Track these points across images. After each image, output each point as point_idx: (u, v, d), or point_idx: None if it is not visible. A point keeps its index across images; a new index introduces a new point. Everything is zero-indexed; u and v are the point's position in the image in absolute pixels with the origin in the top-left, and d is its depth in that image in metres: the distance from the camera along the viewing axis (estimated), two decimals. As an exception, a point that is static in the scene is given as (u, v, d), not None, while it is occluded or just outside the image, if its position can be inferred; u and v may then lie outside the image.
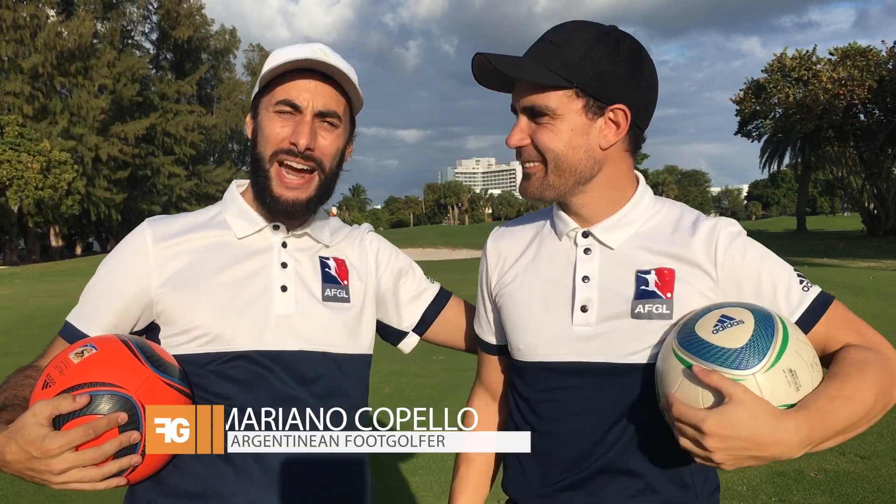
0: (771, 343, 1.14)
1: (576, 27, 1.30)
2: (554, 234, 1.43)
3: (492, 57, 1.27)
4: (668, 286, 1.29)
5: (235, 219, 1.51)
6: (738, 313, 1.18)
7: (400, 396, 6.39)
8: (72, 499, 4.20)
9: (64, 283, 22.05)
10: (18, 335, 11.21)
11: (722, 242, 1.30)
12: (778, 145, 46.78)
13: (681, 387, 1.14)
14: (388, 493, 4.17)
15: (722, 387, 1.08)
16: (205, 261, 1.45)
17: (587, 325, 1.32)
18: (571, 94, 1.27)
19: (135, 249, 1.46)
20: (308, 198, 1.45)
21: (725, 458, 1.07)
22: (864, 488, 3.98)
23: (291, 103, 1.41)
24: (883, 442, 4.78)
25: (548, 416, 1.37)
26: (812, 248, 30.65)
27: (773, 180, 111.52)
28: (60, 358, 1.28)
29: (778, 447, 1.07)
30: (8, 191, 38.98)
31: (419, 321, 1.66)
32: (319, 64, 1.40)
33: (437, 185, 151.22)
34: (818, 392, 1.14)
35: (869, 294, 13.10)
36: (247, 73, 69.69)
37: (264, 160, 1.44)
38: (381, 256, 1.64)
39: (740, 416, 1.05)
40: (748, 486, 4.08)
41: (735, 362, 1.12)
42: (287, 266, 1.48)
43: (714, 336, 1.15)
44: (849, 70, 34.47)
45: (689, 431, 1.09)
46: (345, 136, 1.51)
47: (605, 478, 1.31)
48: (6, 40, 45.37)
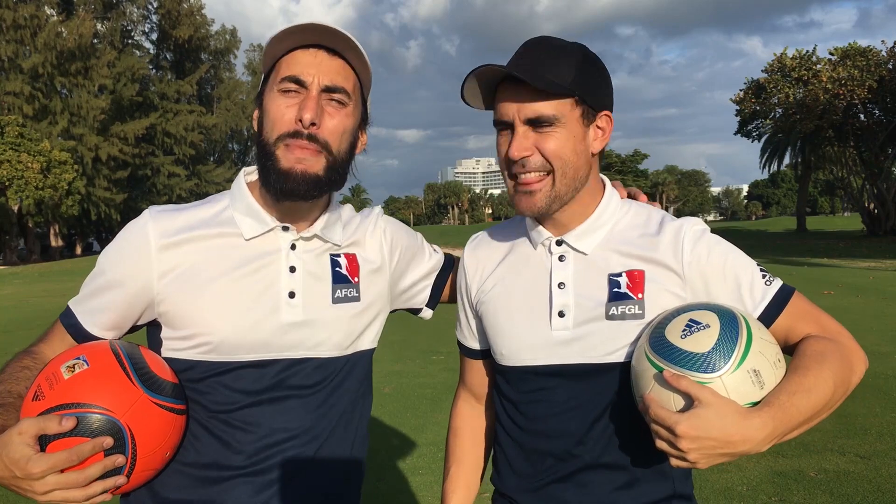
0: (735, 346, 1.20)
1: (556, 41, 1.36)
2: (528, 243, 1.48)
3: (514, 66, 1.31)
4: (638, 287, 1.35)
5: (244, 217, 1.42)
6: (705, 317, 1.24)
7: (400, 396, 6.39)
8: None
9: (64, 283, 22.05)
10: (18, 335, 11.20)
11: (688, 242, 1.36)
12: (778, 145, 46.83)
13: (654, 389, 1.21)
14: (387, 493, 4.17)
15: (691, 391, 1.15)
16: (209, 263, 1.38)
17: (565, 329, 1.38)
18: (572, 103, 1.32)
19: (136, 245, 1.38)
20: (316, 174, 1.34)
21: (698, 458, 1.14)
22: (864, 488, 3.98)
23: (296, 79, 1.33)
24: (883, 442, 4.78)
25: (533, 416, 1.42)
26: (812, 248, 30.62)
27: (773, 180, 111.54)
28: (52, 369, 1.25)
29: (746, 444, 1.13)
30: (8, 191, 38.98)
31: (430, 297, 1.69)
32: (323, 31, 1.32)
33: (437, 185, 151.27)
34: (780, 388, 1.20)
35: (869, 294, 13.10)
36: (247, 73, 69.78)
37: (269, 144, 1.35)
38: (395, 243, 1.60)
39: (710, 418, 1.12)
40: (748, 486, 4.08)
41: (702, 366, 1.18)
42: (296, 270, 1.42)
43: (682, 341, 1.21)
44: (849, 70, 34.48)
45: (664, 433, 1.16)
46: (355, 117, 1.42)
47: (591, 472, 1.37)
48: (6, 40, 45.36)
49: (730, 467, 4.34)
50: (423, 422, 5.62)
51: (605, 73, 1.38)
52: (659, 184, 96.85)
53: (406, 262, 1.62)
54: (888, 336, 8.46)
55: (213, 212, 1.44)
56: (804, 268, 20.54)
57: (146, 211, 1.43)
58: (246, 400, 1.37)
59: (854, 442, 4.78)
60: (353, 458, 1.50)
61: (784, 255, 26.42)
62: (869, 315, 10.25)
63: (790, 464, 4.40)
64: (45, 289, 21.07)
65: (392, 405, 6.06)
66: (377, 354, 1.61)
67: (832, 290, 13.62)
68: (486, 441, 1.66)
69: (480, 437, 1.66)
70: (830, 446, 4.70)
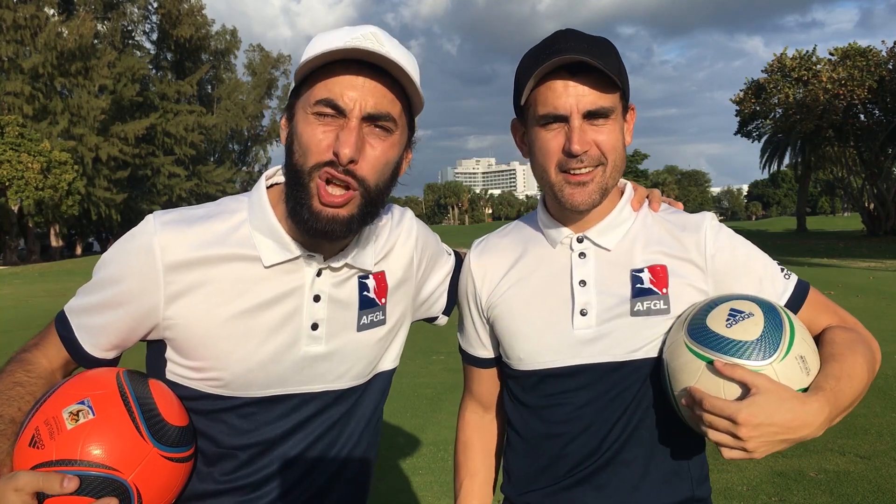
0: (782, 333, 1.20)
1: (591, 35, 1.32)
2: (545, 243, 1.45)
3: (585, 48, 1.25)
4: (662, 282, 1.34)
5: (264, 239, 1.24)
6: (746, 306, 1.24)
7: (400, 396, 6.39)
8: None
9: (64, 283, 22.04)
10: (18, 335, 11.20)
11: (710, 236, 1.37)
12: (778, 145, 46.81)
13: (700, 380, 1.18)
14: (388, 493, 4.17)
15: (747, 379, 1.14)
16: (223, 291, 1.22)
17: (588, 327, 1.35)
18: (620, 96, 1.32)
19: (141, 262, 1.21)
20: (350, 215, 1.19)
21: (758, 446, 1.12)
22: (864, 488, 3.98)
23: (333, 104, 1.14)
24: (883, 442, 4.77)
25: (553, 420, 1.38)
26: (812, 248, 30.63)
27: (773, 180, 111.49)
28: (52, 411, 1.13)
29: (807, 428, 1.13)
30: (8, 191, 38.94)
31: (446, 304, 1.59)
32: (369, 54, 1.12)
33: (437, 185, 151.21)
34: (825, 374, 1.21)
35: (869, 294, 13.09)
36: (247, 73, 69.70)
37: (303, 174, 1.17)
38: (424, 252, 1.49)
39: (770, 405, 1.11)
40: (748, 486, 4.08)
41: (754, 354, 1.17)
42: (320, 299, 1.28)
43: (728, 330, 1.20)
44: (849, 70, 34.48)
45: (723, 424, 1.12)
46: (401, 145, 1.24)
47: (609, 471, 1.34)
48: (6, 40, 45.34)
49: (730, 467, 4.34)
50: (423, 422, 5.61)
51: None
52: (659, 184, 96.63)
53: (429, 271, 1.52)
54: (888, 336, 8.45)
55: (228, 226, 1.25)
56: (804, 268, 20.52)
57: (151, 219, 1.25)
58: (253, 431, 1.28)
59: (854, 442, 4.78)
60: (359, 479, 1.43)
61: (784, 255, 26.41)
62: (869, 315, 10.23)
63: (790, 464, 4.40)
64: (45, 289, 21.06)
65: (392, 405, 6.04)
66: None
67: (832, 290, 13.62)
68: (497, 451, 1.62)
69: (492, 448, 1.61)
70: (830, 446, 4.69)
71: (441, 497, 4.03)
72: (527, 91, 1.30)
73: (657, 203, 1.46)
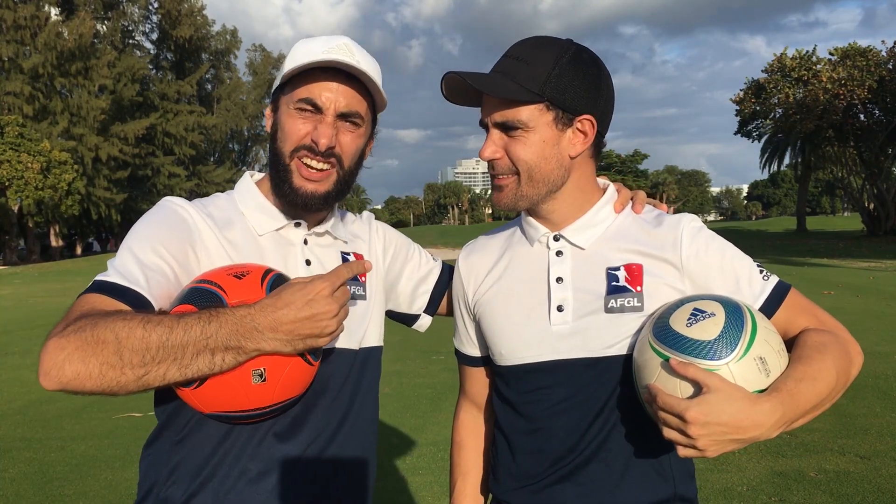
0: (741, 333, 1.20)
1: (538, 42, 1.37)
2: (525, 242, 1.50)
3: (466, 75, 1.34)
4: (637, 280, 1.36)
5: (254, 212, 1.46)
6: (710, 306, 1.25)
7: (400, 396, 6.39)
8: (71, 499, 4.21)
9: (64, 283, 22.05)
10: (18, 335, 11.21)
11: (686, 236, 1.39)
12: (778, 145, 46.82)
13: (659, 378, 1.20)
14: (388, 493, 4.17)
15: (699, 378, 1.14)
16: (235, 253, 1.39)
17: (564, 323, 1.39)
18: (542, 108, 1.34)
19: (178, 217, 1.37)
20: (326, 191, 1.43)
21: (708, 444, 1.12)
22: (864, 488, 3.98)
23: (313, 103, 1.38)
24: (883, 442, 4.77)
25: (532, 416, 1.42)
26: (812, 248, 30.62)
27: (773, 180, 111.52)
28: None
29: (756, 429, 1.13)
30: (8, 191, 38.96)
31: (428, 303, 1.70)
32: (344, 65, 1.37)
33: (437, 185, 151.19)
34: (787, 375, 1.21)
35: (869, 294, 13.10)
36: (248, 74, 69.74)
37: (284, 156, 1.41)
38: (388, 244, 1.66)
39: (719, 404, 1.11)
40: (748, 486, 4.08)
41: (709, 353, 1.18)
42: (311, 263, 1.46)
43: (688, 329, 1.21)
44: (849, 70, 34.49)
45: (673, 421, 1.14)
46: (366, 135, 1.49)
47: (589, 469, 1.36)
48: (6, 40, 45.35)
49: (730, 467, 4.34)
50: (423, 422, 5.62)
51: (591, 75, 1.35)
52: (659, 184, 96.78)
53: (401, 263, 1.67)
54: (888, 336, 8.46)
55: (222, 206, 1.47)
56: (804, 268, 20.53)
57: (164, 201, 1.43)
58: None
59: (854, 442, 4.78)
60: (364, 458, 1.50)
61: (784, 255, 26.40)
62: (869, 315, 10.25)
63: (790, 464, 4.40)
64: (45, 289, 21.07)
65: (392, 405, 6.05)
66: (377, 354, 1.61)
67: (832, 290, 13.62)
68: (490, 450, 1.64)
69: (485, 448, 1.64)
70: (830, 446, 4.69)
71: (440, 497, 4.04)
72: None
73: (640, 205, 1.49)
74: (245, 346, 1.12)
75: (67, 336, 1.08)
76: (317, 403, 1.40)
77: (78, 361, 1.07)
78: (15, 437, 5.59)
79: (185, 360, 1.10)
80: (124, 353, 1.07)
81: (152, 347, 1.08)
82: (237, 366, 1.14)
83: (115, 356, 1.07)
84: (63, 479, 4.50)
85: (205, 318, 1.11)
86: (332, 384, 1.43)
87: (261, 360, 1.17)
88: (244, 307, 1.14)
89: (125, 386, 1.09)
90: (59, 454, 5.08)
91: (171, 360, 1.09)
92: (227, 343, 1.11)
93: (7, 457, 5.04)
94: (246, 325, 1.11)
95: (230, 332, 1.11)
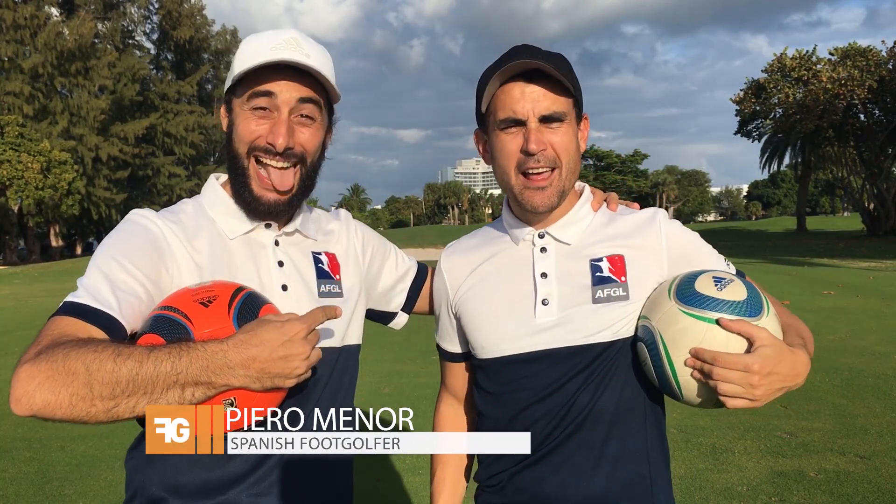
0: (760, 294, 1.32)
1: (548, 50, 1.43)
2: (508, 242, 1.55)
3: (541, 57, 1.37)
4: (621, 271, 1.43)
5: (223, 217, 1.45)
6: (724, 274, 1.35)
7: (400, 396, 6.40)
8: (71, 499, 4.21)
9: (64, 283, 22.05)
10: (18, 335, 11.22)
11: (664, 226, 1.48)
12: (778, 145, 46.82)
13: (705, 340, 1.25)
14: (388, 493, 4.17)
15: (752, 333, 1.23)
16: (206, 263, 1.37)
17: (549, 315, 1.43)
18: (572, 102, 1.42)
19: (147, 233, 1.35)
20: (290, 196, 1.42)
21: (764, 394, 1.21)
22: (864, 488, 3.98)
23: (265, 102, 1.37)
24: (883, 442, 4.78)
25: (513, 405, 1.45)
26: (812, 248, 30.61)
27: (773, 180, 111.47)
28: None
29: (799, 377, 1.25)
30: (8, 191, 38.96)
31: (406, 301, 1.74)
32: (294, 63, 1.36)
33: (437, 185, 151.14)
34: (792, 333, 1.34)
35: (869, 294, 13.10)
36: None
37: (241, 157, 1.40)
38: (367, 244, 1.67)
39: (776, 355, 1.21)
40: (748, 486, 4.08)
41: (750, 311, 1.27)
42: (283, 264, 1.46)
43: (721, 292, 1.29)
44: (849, 70, 34.48)
45: (736, 376, 1.20)
46: (323, 128, 1.48)
47: (566, 451, 1.40)
48: (6, 40, 45.35)
49: (730, 467, 4.34)
50: (422, 422, 5.60)
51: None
52: (659, 184, 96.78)
53: (379, 262, 1.69)
54: (888, 336, 8.46)
55: (190, 213, 1.45)
56: (804, 268, 20.53)
57: (132, 214, 1.41)
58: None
59: (854, 442, 4.78)
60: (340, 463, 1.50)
61: (784, 255, 26.41)
62: (869, 315, 10.25)
63: (790, 464, 4.40)
64: (45, 289, 21.08)
65: (392, 405, 6.04)
66: (377, 354, 1.64)
67: (832, 290, 13.62)
68: None
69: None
70: (830, 446, 4.70)
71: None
72: (486, 98, 1.42)
73: (615, 204, 1.58)
74: (215, 382, 1.13)
75: (39, 364, 1.08)
76: (300, 400, 1.40)
77: (48, 391, 1.06)
78: (15, 437, 5.58)
79: (155, 393, 1.10)
80: (94, 386, 1.07)
81: (122, 381, 1.08)
82: (206, 400, 1.15)
83: (84, 388, 1.07)
84: (63, 479, 4.51)
85: (175, 353, 1.11)
86: (316, 381, 1.43)
87: (230, 391, 1.17)
88: (215, 343, 1.14)
89: (95, 416, 1.09)
90: (59, 454, 5.09)
91: (140, 394, 1.09)
92: (198, 378, 1.11)
93: (7, 457, 5.04)
94: (217, 362, 1.12)
95: (201, 367, 1.11)
